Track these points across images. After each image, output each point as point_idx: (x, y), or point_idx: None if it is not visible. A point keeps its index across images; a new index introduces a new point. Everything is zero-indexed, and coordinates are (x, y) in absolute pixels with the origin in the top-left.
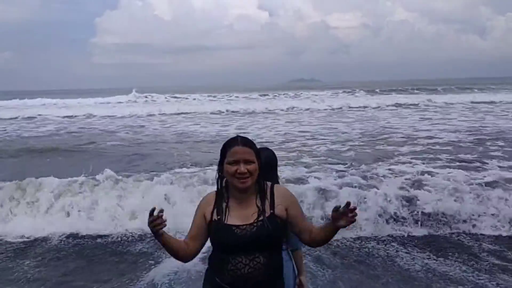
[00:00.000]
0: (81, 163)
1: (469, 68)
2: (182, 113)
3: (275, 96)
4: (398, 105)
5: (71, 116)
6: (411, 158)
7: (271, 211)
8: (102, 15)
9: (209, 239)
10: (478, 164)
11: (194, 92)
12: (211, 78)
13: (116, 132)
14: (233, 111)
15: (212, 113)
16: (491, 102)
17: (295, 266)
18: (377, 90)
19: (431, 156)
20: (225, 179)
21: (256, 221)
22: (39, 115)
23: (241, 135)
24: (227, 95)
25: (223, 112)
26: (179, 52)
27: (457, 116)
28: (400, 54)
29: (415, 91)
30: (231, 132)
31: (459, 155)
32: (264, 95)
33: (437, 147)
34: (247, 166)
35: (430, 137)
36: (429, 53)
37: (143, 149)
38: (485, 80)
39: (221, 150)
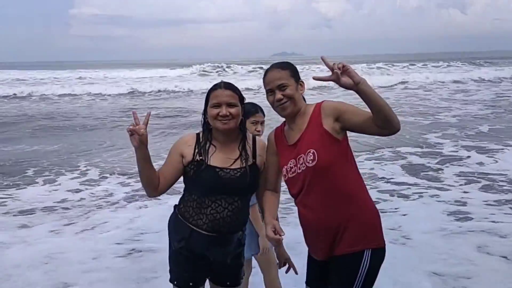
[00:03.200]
0: None
1: (452, 43)
2: None
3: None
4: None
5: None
6: None
7: (253, 160)
8: None
9: (183, 182)
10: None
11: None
12: (194, 52)
13: None
14: None
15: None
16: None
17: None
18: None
19: None
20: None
21: (240, 167)
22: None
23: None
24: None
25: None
26: (160, 25)
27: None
28: (382, 28)
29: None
30: None
31: None
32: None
33: None
34: (229, 109)
35: None
36: (410, 28)
37: None
38: (464, 55)
39: (206, 95)
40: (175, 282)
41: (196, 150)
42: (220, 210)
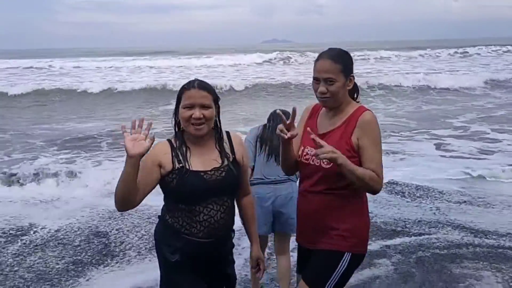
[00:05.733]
0: None
1: (442, 29)
2: None
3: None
4: None
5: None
6: None
7: (233, 156)
8: None
9: (162, 194)
10: None
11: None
12: (184, 39)
13: None
14: None
15: None
16: None
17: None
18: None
19: None
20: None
21: (222, 165)
22: None
23: (200, 78)
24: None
25: None
26: (146, 11)
27: None
28: (373, 14)
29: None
30: None
31: None
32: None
33: None
34: (203, 111)
35: None
36: (403, 13)
37: None
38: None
39: (178, 93)
40: None
41: (175, 158)
42: (213, 213)
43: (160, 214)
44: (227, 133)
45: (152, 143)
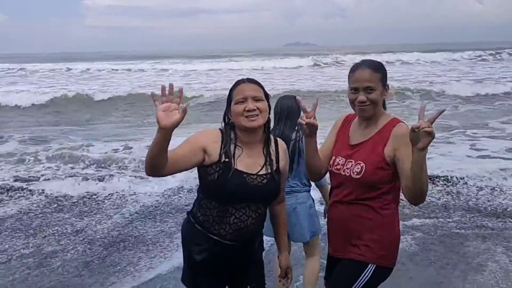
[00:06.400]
0: None
1: (466, 32)
2: None
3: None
4: None
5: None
6: None
7: (277, 164)
8: None
9: (199, 185)
10: None
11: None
12: (209, 43)
13: None
14: None
15: None
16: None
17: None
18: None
19: None
20: (231, 124)
21: (266, 173)
22: None
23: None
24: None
25: None
26: (175, 16)
27: None
28: (396, 18)
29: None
30: None
31: None
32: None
33: None
34: (256, 103)
35: None
36: (426, 17)
37: None
38: (480, 45)
39: (228, 94)
40: None
41: (222, 150)
42: (244, 219)
43: (190, 209)
44: (275, 140)
45: (184, 116)
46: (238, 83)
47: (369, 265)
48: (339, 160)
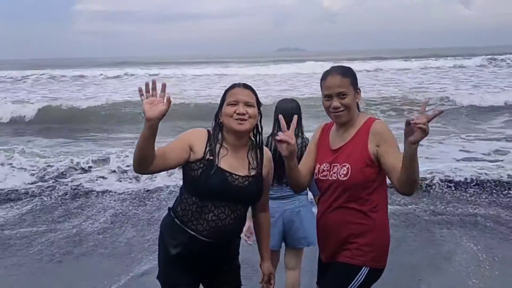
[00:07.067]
0: None
1: (452, 38)
2: None
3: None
4: None
5: None
6: None
7: (260, 170)
8: None
9: (183, 182)
10: None
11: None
12: (198, 48)
13: None
14: None
15: None
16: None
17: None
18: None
19: None
20: (221, 124)
21: (248, 175)
22: None
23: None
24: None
25: None
26: (164, 21)
27: None
28: (385, 22)
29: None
30: None
31: None
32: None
33: None
34: (246, 108)
35: None
36: (413, 22)
37: None
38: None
39: (223, 94)
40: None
41: (207, 148)
42: (223, 217)
43: (171, 206)
44: (261, 147)
45: (169, 106)
46: (233, 86)
47: (363, 268)
48: (324, 167)
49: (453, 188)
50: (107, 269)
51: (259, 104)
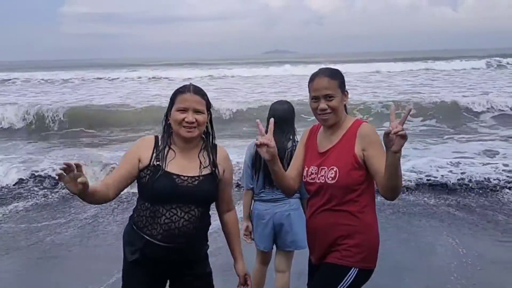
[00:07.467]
0: None
1: (441, 40)
2: None
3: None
4: None
5: None
6: None
7: (213, 169)
8: None
9: (137, 189)
10: None
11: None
12: (186, 50)
13: None
14: None
15: None
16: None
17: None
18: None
19: None
20: (170, 125)
21: (198, 175)
22: None
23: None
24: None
25: None
26: (152, 23)
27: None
28: (374, 25)
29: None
30: None
31: None
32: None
33: None
34: (195, 116)
35: None
36: (403, 25)
37: None
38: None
39: (171, 96)
40: None
41: (154, 154)
42: (175, 219)
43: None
44: (215, 145)
45: (83, 187)
46: (183, 90)
47: (352, 269)
48: (312, 170)
49: (438, 187)
50: (95, 270)
51: (209, 107)
